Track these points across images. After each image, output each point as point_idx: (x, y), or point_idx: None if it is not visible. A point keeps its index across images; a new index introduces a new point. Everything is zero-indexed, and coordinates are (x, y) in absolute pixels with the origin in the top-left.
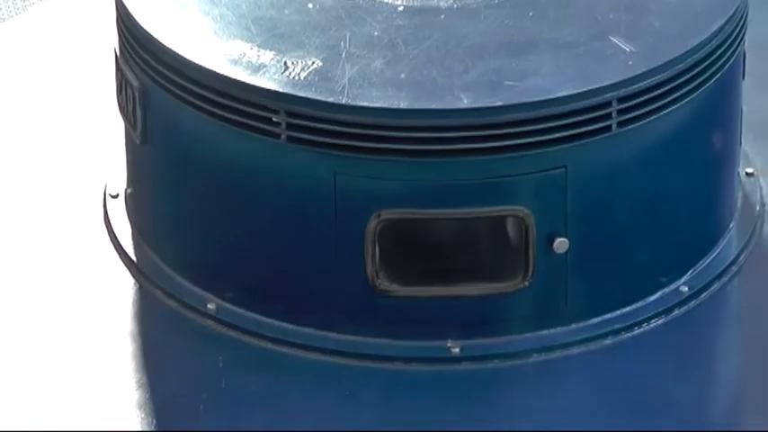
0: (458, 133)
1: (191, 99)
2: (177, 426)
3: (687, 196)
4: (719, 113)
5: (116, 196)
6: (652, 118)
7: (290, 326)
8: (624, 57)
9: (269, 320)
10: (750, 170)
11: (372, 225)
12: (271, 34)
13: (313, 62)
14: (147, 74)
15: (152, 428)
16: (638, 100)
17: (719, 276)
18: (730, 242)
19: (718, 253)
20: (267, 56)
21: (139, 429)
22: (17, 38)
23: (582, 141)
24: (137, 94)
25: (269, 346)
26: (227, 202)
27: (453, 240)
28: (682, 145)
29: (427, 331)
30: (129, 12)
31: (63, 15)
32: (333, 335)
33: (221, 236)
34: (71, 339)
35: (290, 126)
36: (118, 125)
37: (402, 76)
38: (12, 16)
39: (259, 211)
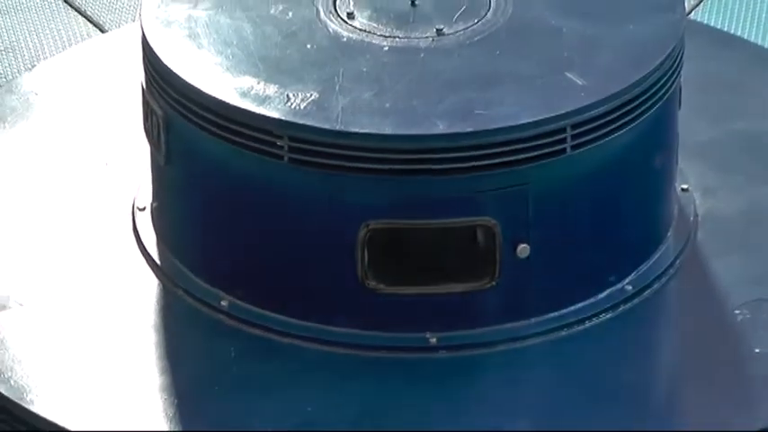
0: (434, 155)
1: (207, 126)
2: (196, 405)
3: (632, 208)
4: (659, 137)
5: (143, 209)
6: (601, 142)
7: (292, 320)
8: (577, 89)
9: (274, 315)
10: (685, 186)
11: (362, 234)
12: (275, 70)
13: (311, 94)
14: (169, 104)
15: (174, 408)
16: (589, 126)
17: (659, 277)
18: (668, 248)
19: (659, 257)
20: (272, 89)
21: (163, 419)
22: (64, 71)
23: (541, 162)
24: (160, 122)
25: (274, 337)
26: (238, 213)
27: (432, 246)
28: (627, 164)
29: (409, 324)
30: (153, 50)
31: (103, 54)
32: (329, 327)
33: (233, 243)
34: (105, 331)
35: (291, 149)
36: (144, 148)
37: (387, 105)
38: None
39: (265, 221)
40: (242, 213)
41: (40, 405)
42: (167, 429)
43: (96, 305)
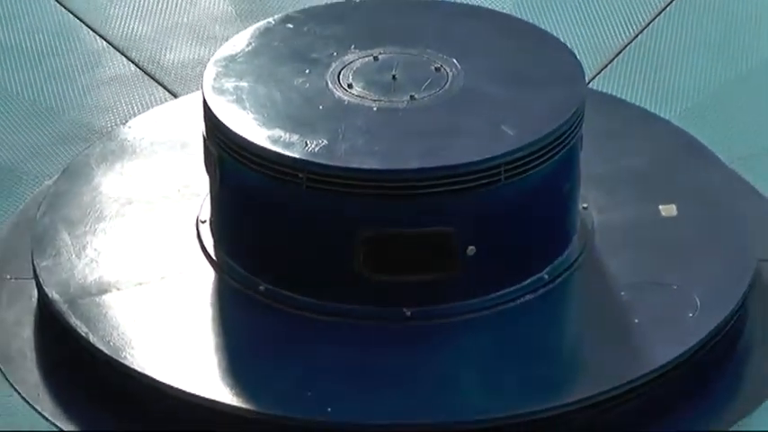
0: (409, 183)
1: (248, 163)
2: (243, 364)
3: (548, 220)
4: (566, 171)
5: (204, 222)
6: (526, 174)
7: (308, 299)
8: (509, 138)
9: (296, 296)
10: (585, 205)
11: (359, 238)
12: (296, 124)
13: (322, 141)
14: (221, 147)
15: (226, 368)
16: (517, 164)
17: (567, 268)
18: (574, 248)
19: (567, 254)
20: (294, 137)
21: (218, 370)
22: (149, 125)
23: (484, 188)
24: (215, 160)
25: (296, 311)
26: (270, 224)
27: (408, 246)
28: (544, 189)
29: (391, 301)
30: (211, 109)
31: (176, 113)
32: (334, 304)
33: (267, 244)
34: (178, 307)
35: (308, 179)
36: (204, 179)
37: (375, 148)
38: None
39: (289, 229)
40: (273, 223)
41: (132, 360)
42: (219, 375)
43: (171, 289)
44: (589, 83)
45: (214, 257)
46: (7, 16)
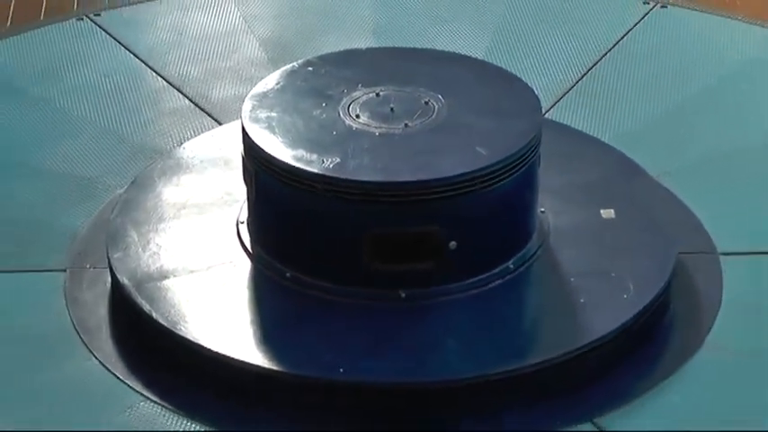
0: (404, 192)
1: (277, 176)
2: (272, 335)
3: (513, 220)
4: (528, 182)
5: (242, 222)
6: (496, 185)
7: (326, 284)
8: (482, 156)
9: (316, 281)
10: (543, 209)
11: (367, 234)
12: (315, 146)
13: (336, 159)
14: (256, 163)
15: (259, 338)
16: (490, 177)
17: (528, 259)
18: (533, 243)
19: (528, 248)
20: (313, 156)
21: (253, 339)
22: (200, 147)
23: (463, 196)
24: (251, 173)
25: (319, 294)
26: (294, 223)
27: (403, 242)
28: (510, 196)
29: (390, 285)
30: (248, 134)
31: (221, 137)
32: (346, 288)
33: (293, 239)
34: (221, 290)
35: (325, 189)
36: (243, 188)
37: (378, 165)
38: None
39: (310, 228)
40: (296, 224)
41: (185, 332)
42: (254, 343)
43: (216, 276)
44: (545, 114)
45: (250, 251)
46: (88, 61)
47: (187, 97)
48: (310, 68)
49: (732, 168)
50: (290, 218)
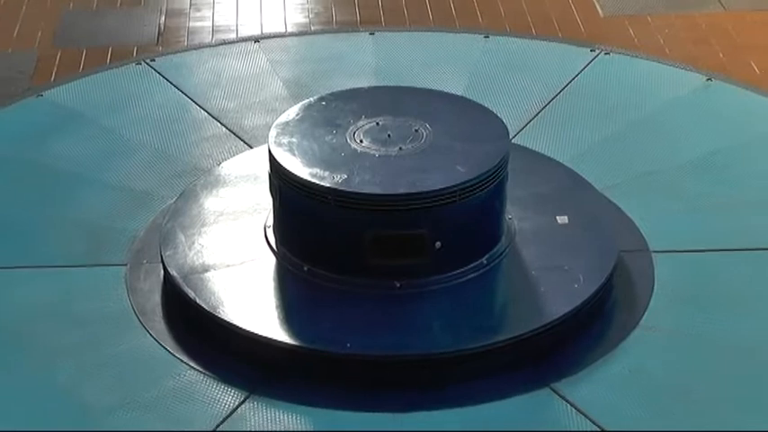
0: (399, 202)
1: (296, 189)
2: (292, 317)
3: (486, 224)
4: (497, 194)
5: (269, 226)
6: (473, 196)
7: (336, 276)
8: (461, 173)
9: (327, 273)
10: (510, 216)
11: (369, 235)
12: (326, 165)
13: (343, 176)
14: (279, 178)
15: (282, 319)
16: (468, 190)
17: (498, 256)
18: (502, 243)
19: (498, 247)
20: (325, 173)
21: (277, 320)
22: (235, 166)
23: (446, 206)
24: (276, 187)
25: (328, 284)
26: (310, 227)
27: (398, 242)
28: (484, 205)
29: (387, 277)
30: (273, 155)
31: (251, 158)
32: (352, 278)
33: (309, 239)
34: (250, 282)
35: (335, 201)
36: (269, 199)
37: (378, 180)
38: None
39: (322, 231)
40: (312, 228)
41: (224, 314)
42: (278, 323)
43: (248, 270)
44: (512, 139)
45: (275, 249)
46: (145, 98)
47: (224, 126)
48: (323, 103)
49: (662, 182)
50: (307, 223)
